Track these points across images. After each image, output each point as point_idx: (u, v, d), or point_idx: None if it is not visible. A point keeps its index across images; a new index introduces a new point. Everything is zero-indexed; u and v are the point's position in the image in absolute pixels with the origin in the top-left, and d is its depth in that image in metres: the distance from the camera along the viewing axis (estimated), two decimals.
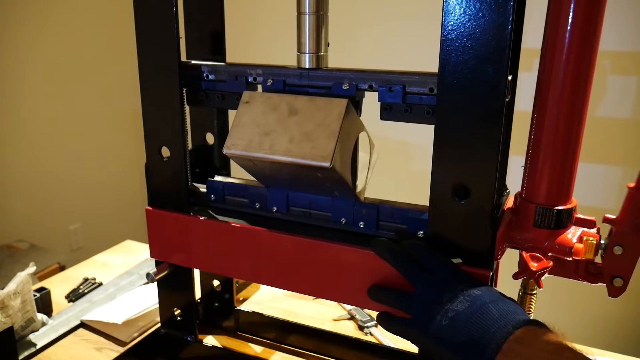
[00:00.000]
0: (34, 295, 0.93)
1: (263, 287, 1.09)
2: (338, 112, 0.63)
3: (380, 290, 0.62)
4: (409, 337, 0.59)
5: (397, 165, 2.06)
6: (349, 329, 0.96)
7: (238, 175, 0.81)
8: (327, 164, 0.60)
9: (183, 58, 0.72)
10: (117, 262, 1.22)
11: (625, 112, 1.79)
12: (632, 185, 0.56)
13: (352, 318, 0.99)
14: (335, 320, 0.99)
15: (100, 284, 1.10)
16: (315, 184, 0.67)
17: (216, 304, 0.94)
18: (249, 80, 0.71)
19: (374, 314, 0.97)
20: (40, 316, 0.93)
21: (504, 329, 0.50)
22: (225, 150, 0.67)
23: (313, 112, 0.64)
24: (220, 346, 0.90)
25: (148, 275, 0.79)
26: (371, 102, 0.68)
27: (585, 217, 0.62)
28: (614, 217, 0.58)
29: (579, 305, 1.91)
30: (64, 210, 2.43)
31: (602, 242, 0.60)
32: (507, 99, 0.56)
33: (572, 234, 0.61)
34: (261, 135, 0.65)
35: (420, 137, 1.90)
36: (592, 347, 0.91)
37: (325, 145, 0.61)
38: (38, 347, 0.88)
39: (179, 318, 0.85)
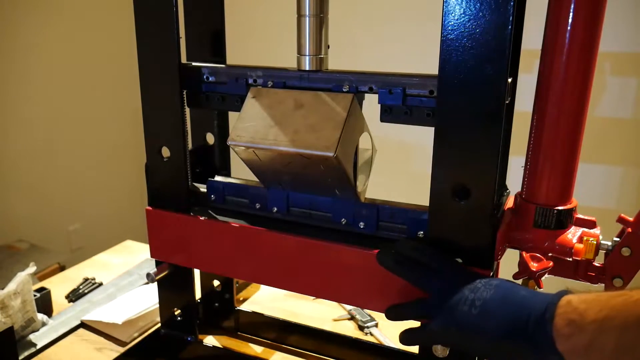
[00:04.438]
0: (34, 295, 0.93)
1: (263, 287, 1.09)
2: (344, 105, 0.64)
3: (397, 309, 0.61)
4: (439, 342, 0.58)
5: (397, 165, 2.06)
6: (349, 329, 0.96)
7: (238, 175, 0.81)
8: (330, 154, 0.61)
9: (183, 59, 0.72)
10: (117, 262, 1.22)
11: (624, 112, 1.79)
12: None
13: (352, 318, 0.99)
14: (335, 320, 0.99)
15: (100, 284, 1.10)
16: (316, 181, 0.67)
17: (216, 304, 0.94)
18: (249, 82, 0.71)
19: (374, 314, 0.98)
20: (41, 316, 0.93)
21: (547, 298, 0.48)
22: (229, 142, 0.67)
23: (319, 105, 0.65)
24: (220, 346, 0.90)
25: (148, 275, 0.79)
26: (371, 104, 0.68)
27: (586, 217, 0.63)
28: (630, 218, 0.58)
29: None
30: (64, 210, 2.43)
31: (605, 242, 0.60)
32: (507, 101, 0.56)
33: (572, 234, 0.61)
34: (266, 127, 0.66)
35: (420, 137, 1.90)
36: None
37: (329, 136, 0.62)
38: (38, 347, 0.88)
39: (179, 318, 0.85)
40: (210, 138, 0.86)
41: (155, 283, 0.83)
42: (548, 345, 0.46)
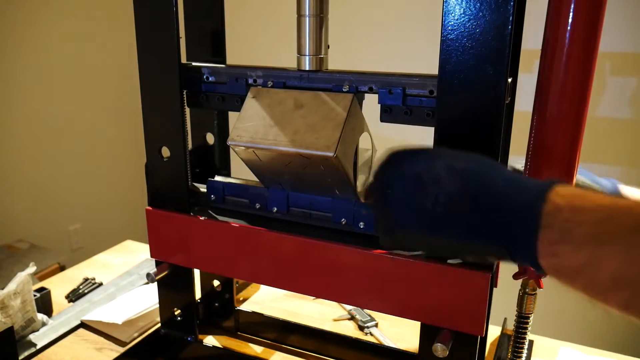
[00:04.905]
0: (34, 295, 0.93)
1: (263, 287, 1.09)
2: (344, 106, 0.64)
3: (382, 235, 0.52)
4: (408, 246, 0.51)
5: None
6: (349, 329, 0.96)
7: (238, 175, 0.81)
8: (330, 154, 0.61)
9: (183, 59, 0.72)
10: (117, 262, 1.22)
11: (624, 112, 1.79)
12: None
13: (352, 318, 0.99)
14: (335, 320, 0.99)
15: (100, 284, 1.10)
16: (316, 181, 0.67)
17: (216, 304, 0.94)
18: (249, 82, 0.71)
19: (374, 314, 0.98)
20: (41, 316, 0.93)
21: (529, 197, 0.39)
22: (229, 142, 0.67)
23: (319, 105, 0.65)
24: (220, 346, 0.90)
25: (148, 275, 0.79)
26: (371, 104, 0.68)
27: None
28: None
29: (579, 306, 1.91)
30: (64, 210, 2.43)
31: None
32: (507, 101, 0.56)
33: None
34: (266, 127, 0.66)
35: (420, 137, 1.90)
36: (592, 347, 0.91)
37: (329, 136, 0.62)
38: (38, 347, 0.88)
39: (179, 318, 0.85)
40: (210, 138, 0.86)
41: (155, 283, 0.83)
42: (529, 258, 0.40)
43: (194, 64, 0.75)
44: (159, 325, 0.88)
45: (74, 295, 1.06)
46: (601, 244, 0.36)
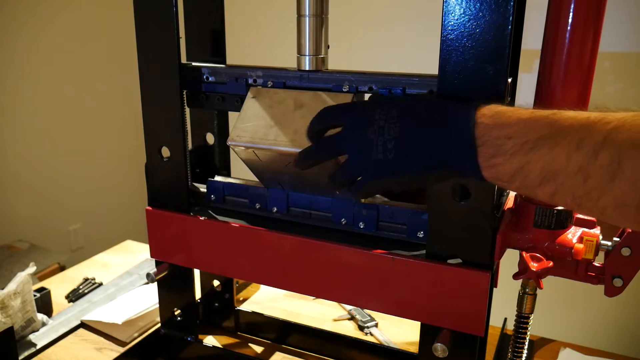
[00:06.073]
0: (34, 295, 0.93)
1: (263, 287, 1.09)
2: None
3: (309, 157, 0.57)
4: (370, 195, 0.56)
5: None
6: (349, 329, 0.96)
7: (238, 175, 0.81)
8: None
9: (183, 59, 0.72)
10: (117, 262, 1.22)
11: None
12: None
13: (352, 318, 0.99)
14: (335, 320, 0.99)
15: (100, 284, 1.10)
16: (316, 181, 0.67)
17: (216, 304, 0.94)
18: (249, 82, 0.71)
19: (374, 314, 0.98)
20: (40, 316, 0.93)
21: (465, 124, 0.46)
22: (229, 142, 0.67)
23: (319, 105, 0.65)
24: (220, 346, 0.90)
25: (148, 275, 0.79)
26: None
27: (586, 217, 0.62)
28: None
29: (579, 306, 1.91)
30: (64, 210, 2.43)
31: (605, 242, 0.60)
32: (507, 101, 0.56)
33: (572, 234, 0.61)
34: (266, 127, 0.66)
35: None
36: (592, 347, 0.91)
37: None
38: (38, 347, 0.88)
39: (179, 318, 0.85)
40: (210, 138, 0.86)
41: (155, 283, 0.83)
42: (474, 173, 0.47)
43: (194, 64, 0.75)
44: (159, 325, 0.88)
45: (74, 295, 1.06)
46: (528, 151, 0.44)
